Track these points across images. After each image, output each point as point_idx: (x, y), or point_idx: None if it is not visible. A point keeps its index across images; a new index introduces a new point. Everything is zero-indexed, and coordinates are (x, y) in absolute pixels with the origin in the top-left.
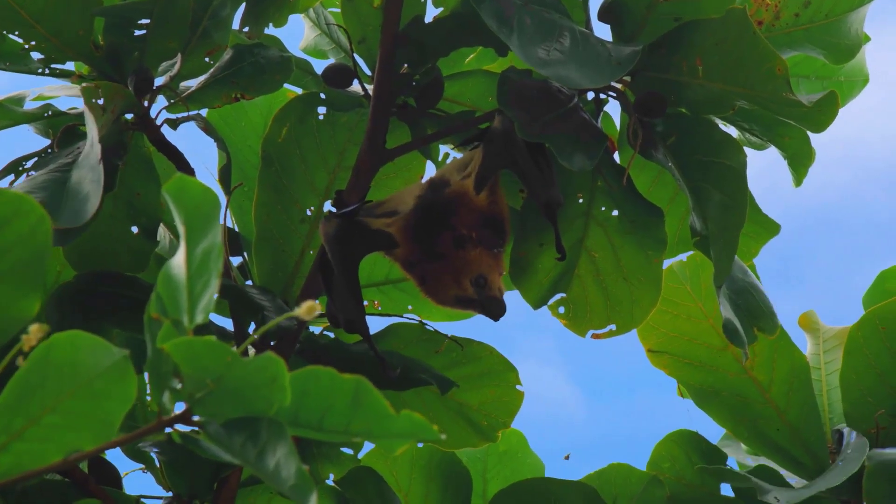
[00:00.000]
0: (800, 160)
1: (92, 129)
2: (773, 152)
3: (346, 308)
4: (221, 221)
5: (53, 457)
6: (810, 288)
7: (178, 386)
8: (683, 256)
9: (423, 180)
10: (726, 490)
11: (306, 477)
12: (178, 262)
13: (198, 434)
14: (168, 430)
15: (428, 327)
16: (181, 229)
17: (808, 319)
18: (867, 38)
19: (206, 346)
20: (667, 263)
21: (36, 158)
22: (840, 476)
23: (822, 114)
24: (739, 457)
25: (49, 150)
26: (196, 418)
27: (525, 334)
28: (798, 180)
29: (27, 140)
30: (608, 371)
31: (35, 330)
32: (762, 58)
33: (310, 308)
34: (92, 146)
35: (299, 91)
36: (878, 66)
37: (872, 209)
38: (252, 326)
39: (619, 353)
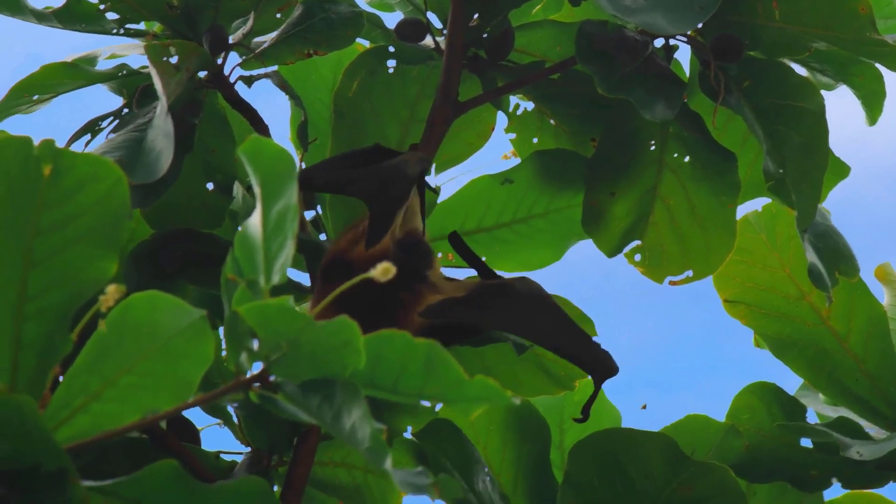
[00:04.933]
0: (875, 98)
1: (159, 85)
2: None
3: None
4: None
5: (130, 417)
6: None
7: (255, 346)
8: (759, 206)
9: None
10: (806, 441)
11: (381, 440)
12: (254, 223)
13: (275, 394)
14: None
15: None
16: (257, 190)
17: (884, 271)
18: None
19: (279, 310)
20: (740, 210)
21: (112, 118)
22: None
23: None
24: (817, 407)
25: (126, 110)
26: (273, 379)
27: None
28: (873, 118)
29: (105, 99)
30: (684, 320)
31: (112, 291)
32: None
33: (385, 269)
34: (161, 103)
35: (368, 45)
36: None
37: (875, 208)
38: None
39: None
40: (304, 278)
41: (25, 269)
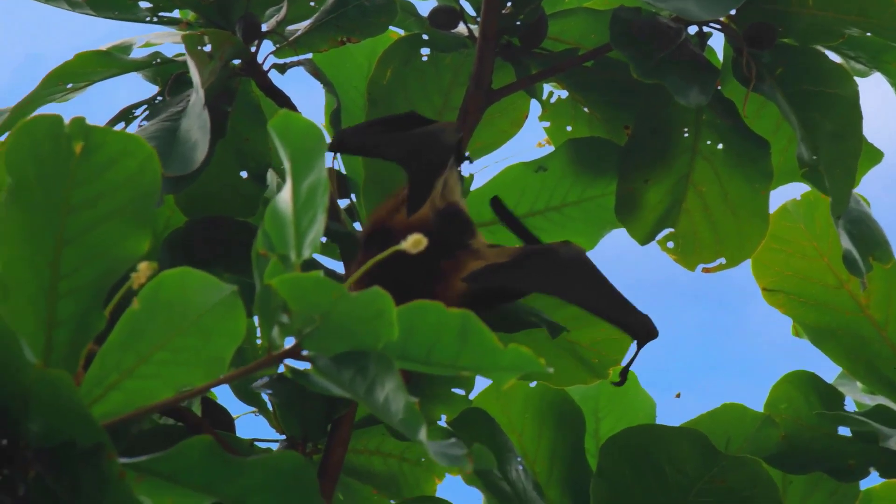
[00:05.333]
0: None
1: (196, 76)
2: None
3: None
4: (330, 165)
5: (164, 393)
6: None
7: (287, 321)
8: (792, 193)
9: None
10: (844, 431)
11: (415, 411)
12: (285, 197)
13: (308, 370)
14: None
15: None
16: (287, 165)
17: None
18: None
19: (312, 282)
20: (772, 197)
21: (145, 106)
22: None
23: None
24: (856, 396)
25: (159, 99)
26: (305, 353)
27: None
28: None
29: (138, 87)
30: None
31: (144, 268)
32: None
33: (416, 241)
34: (197, 93)
35: (402, 32)
36: None
37: (875, 208)
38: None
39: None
40: (338, 266)
41: (58, 246)
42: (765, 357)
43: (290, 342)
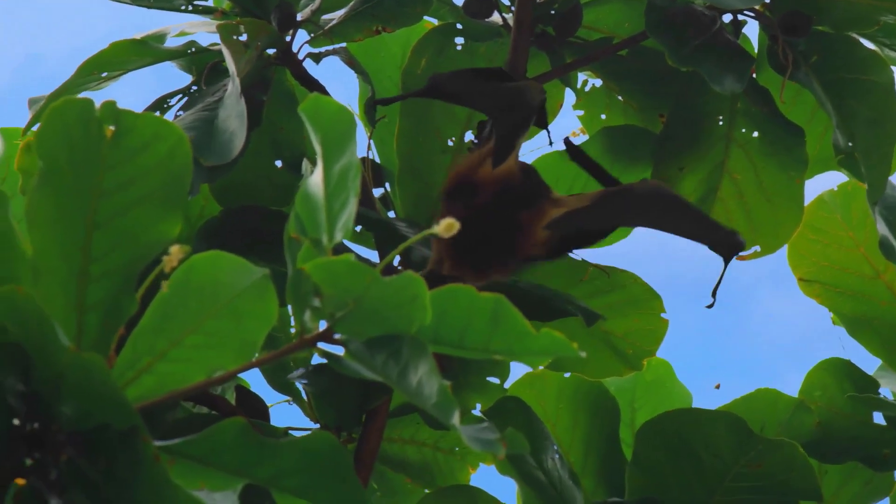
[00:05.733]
0: None
1: (232, 65)
2: None
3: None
4: (364, 154)
5: (196, 377)
6: None
7: (319, 305)
8: (828, 181)
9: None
10: (879, 419)
11: (448, 395)
12: (316, 181)
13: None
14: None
15: (573, 256)
16: (318, 148)
17: None
18: None
19: (345, 266)
20: (807, 185)
21: (181, 96)
22: None
23: None
24: (894, 387)
25: (194, 88)
26: (338, 336)
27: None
28: None
29: (173, 77)
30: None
31: (176, 251)
32: None
33: (449, 226)
34: (233, 83)
35: (436, 22)
36: None
37: None
38: (397, 259)
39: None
40: (373, 256)
41: (89, 231)
42: (765, 357)
43: (322, 326)
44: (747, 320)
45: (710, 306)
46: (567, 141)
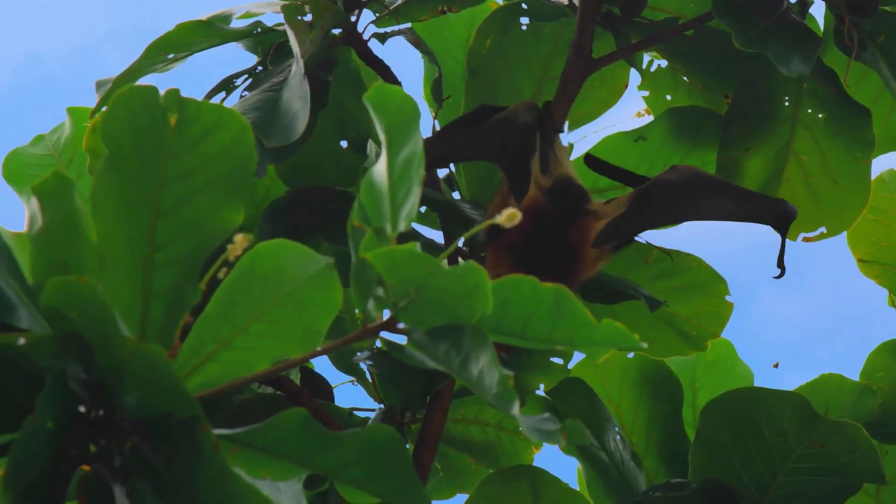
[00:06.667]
0: None
1: (296, 46)
2: None
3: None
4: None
5: (260, 365)
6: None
7: (382, 294)
8: (893, 163)
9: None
10: None
11: (508, 386)
12: (380, 170)
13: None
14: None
15: (638, 239)
16: (382, 137)
17: None
18: None
19: (407, 256)
20: (873, 166)
21: (246, 76)
22: None
23: None
24: None
25: (259, 68)
26: (401, 325)
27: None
28: None
29: (238, 57)
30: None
31: (240, 240)
32: None
33: (511, 215)
34: (297, 63)
35: (501, 2)
36: None
37: None
38: (462, 241)
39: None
40: (437, 236)
41: (153, 218)
42: (765, 357)
43: (386, 315)
44: (747, 320)
45: (778, 276)
46: (588, 157)
